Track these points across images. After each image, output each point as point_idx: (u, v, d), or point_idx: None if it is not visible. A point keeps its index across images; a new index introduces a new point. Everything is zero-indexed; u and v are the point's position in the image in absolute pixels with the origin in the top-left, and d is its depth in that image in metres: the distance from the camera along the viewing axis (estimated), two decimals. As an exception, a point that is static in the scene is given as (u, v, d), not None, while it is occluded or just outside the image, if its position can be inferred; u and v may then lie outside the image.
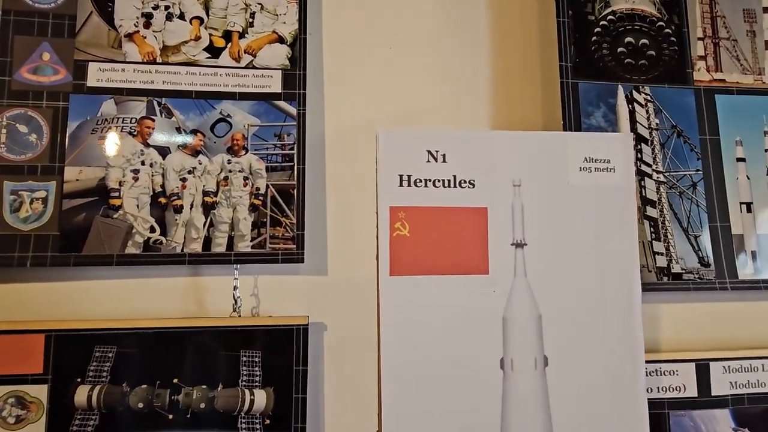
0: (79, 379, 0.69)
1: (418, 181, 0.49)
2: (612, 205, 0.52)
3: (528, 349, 0.45)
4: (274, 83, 0.78)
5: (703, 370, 0.82)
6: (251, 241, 0.75)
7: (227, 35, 0.79)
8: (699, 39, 0.89)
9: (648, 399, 0.78)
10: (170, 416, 0.71)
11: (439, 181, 0.48)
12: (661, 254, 0.82)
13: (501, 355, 0.46)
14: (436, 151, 0.49)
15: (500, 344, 0.45)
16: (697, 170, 0.85)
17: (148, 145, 0.75)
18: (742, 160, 0.87)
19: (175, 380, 0.71)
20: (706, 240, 0.83)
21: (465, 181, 0.48)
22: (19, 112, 0.72)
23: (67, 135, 0.73)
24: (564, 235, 0.49)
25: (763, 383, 0.83)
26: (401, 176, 0.49)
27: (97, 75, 0.75)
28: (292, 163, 0.77)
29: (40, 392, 0.68)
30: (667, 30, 0.88)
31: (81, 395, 0.69)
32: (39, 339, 0.69)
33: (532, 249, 0.48)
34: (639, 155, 0.84)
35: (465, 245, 0.47)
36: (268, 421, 0.72)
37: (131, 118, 0.75)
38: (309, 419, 0.72)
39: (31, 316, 0.71)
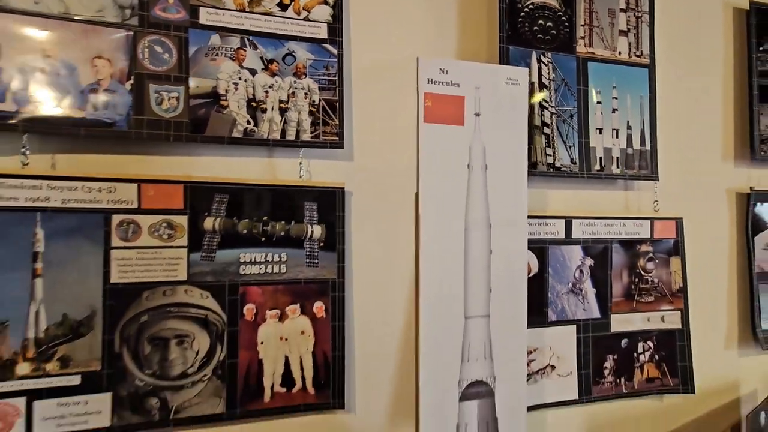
0: (206, 213, 1.10)
1: (436, 81, 0.96)
2: (516, 101, 1.04)
3: (479, 158, 0.97)
4: (322, 32, 1.19)
5: (568, 224, 1.41)
6: (311, 134, 1.18)
7: (290, -4, 1.18)
8: (581, 25, 1.43)
9: (537, 239, 1.36)
10: (263, 239, 1.14)
11: (444, 82, 0.96)
12: (550, 155, 1.37)
13: (468, 162, 0.97)
14: (444, 68, 0.96)
15: (467, 156, 0.96)
16: (574, 107, 1.41)
17: (242, 67, 1.13)
18: (599, 103, 1.44)
19: (265, 217, 1.15)
20: (575, 149, 1.40)
21: (455, 83, 0.96)
22: (155, 38, 1.07)
23: (189, 56, 1.09)
24: (497, 113, 1.00)
25: (599, 232, 1.44)
26: (428, 78, 0.96)
27: (206, 16, 1.11)
28: (335, 86, 1.19)
29: (182, 220, 1.08)
30: (564, 18, 1.40)
31: (208, 223, 1.10)
32: (180, 187, 1.08)
33: (483, 118, 0.98)
34: (545, 99, 1.37)
35: (454, 111, 0.96)
36: (322, 244, 1.18)
37: (230, 48, 1.12)
38: (345, 242, 1.20)
39: (174, 173, 1.10)
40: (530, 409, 1.33)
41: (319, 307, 1.18)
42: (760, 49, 1.66)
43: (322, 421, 1.21)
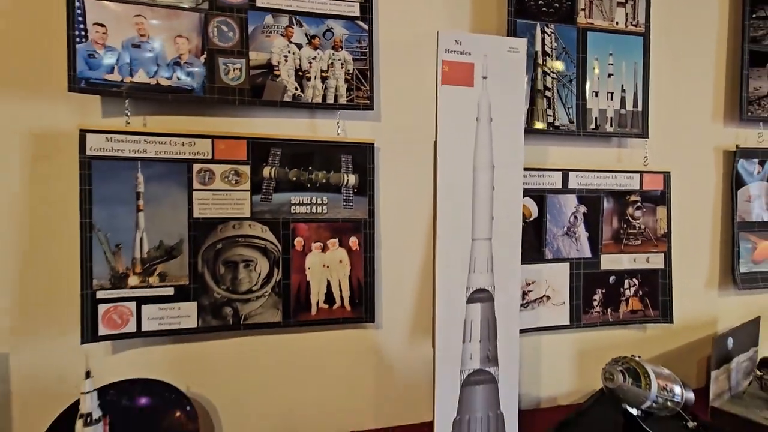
0: (264, 163, 1.37)
1: (451, 51, 1.18)
2: (517, 66, 1.25)
3: (486, 113, 1.20)
4: (355, 10, 1.41)
5: (565, 175, 1.63)
6: (346, 98, 1.42)
7: (328, -20, 1.39)
8: (582, -2, 1.60)
9: (537, 188, 1.59)
10: (308, 185, 1.41)
11: (458, 51, 1.18)
12: (550, 116, 1.59)
13: (476, 116, 1.21)
14: (458, 40, 1.18)
15: (476, 111, 1.20)
16: (573, 73, 1.61)
17: (291, 42, 1.37)
18: (596, 69, 1.63)
19: (310, 167, 1.41)
20: (573, 110, 1.61)
21: (467, 52, 1.19)
22: (222, 19, 1.31)
23: (248, 34, 1.33)
24: (501, 76, 1.23)
25: (592, 184, 1.66)
26: (446, 48, 1.18)
27: (261, 0, 1.34)
28: (366, 57, 1.42)
29: (245, 169, 1.35)
30: (566, -8, 1.58)
31: (266, 171, 1.37)
32: (243, 142, 1.35)
33: (489, 80, 1.21)
34: (544, 63, 1.57)
35: (466, 74, 1.18)
36: (356, 190, 1.44)
37: (281, 26, 1.36)
38: (375, 188, 1.45)
39: (239, 131, 1.36)
40: (527, 332, 1.61)
41: (353, 242, 1.45)
42: (753, 16, 1.80)
43: (356, 334, 1.51)
